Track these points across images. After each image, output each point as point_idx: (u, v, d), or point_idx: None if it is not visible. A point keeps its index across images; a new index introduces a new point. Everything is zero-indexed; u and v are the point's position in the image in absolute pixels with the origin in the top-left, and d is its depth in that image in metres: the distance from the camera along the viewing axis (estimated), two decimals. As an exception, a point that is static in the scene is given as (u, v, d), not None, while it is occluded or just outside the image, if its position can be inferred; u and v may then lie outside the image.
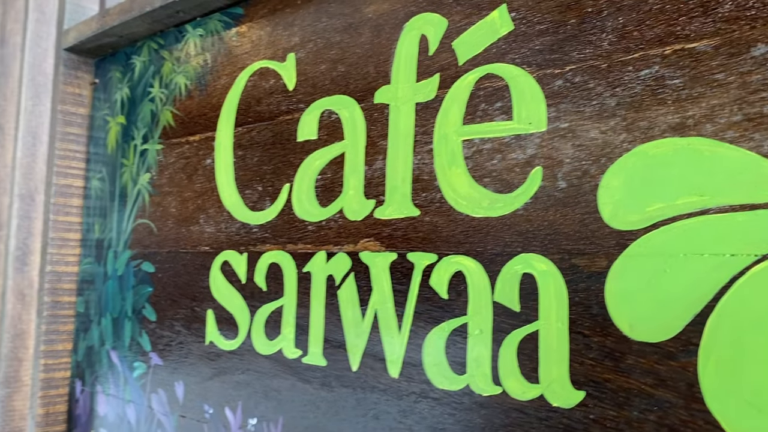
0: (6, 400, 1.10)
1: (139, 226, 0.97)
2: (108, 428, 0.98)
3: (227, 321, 0.82)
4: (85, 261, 1.07)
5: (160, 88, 0.97)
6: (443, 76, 0.64)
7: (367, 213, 0.69)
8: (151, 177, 0.96)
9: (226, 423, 0.80)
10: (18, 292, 1.12)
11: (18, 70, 1.20)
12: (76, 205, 1.07)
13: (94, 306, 1.04)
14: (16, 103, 1.19)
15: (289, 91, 0.79)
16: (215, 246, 0.85)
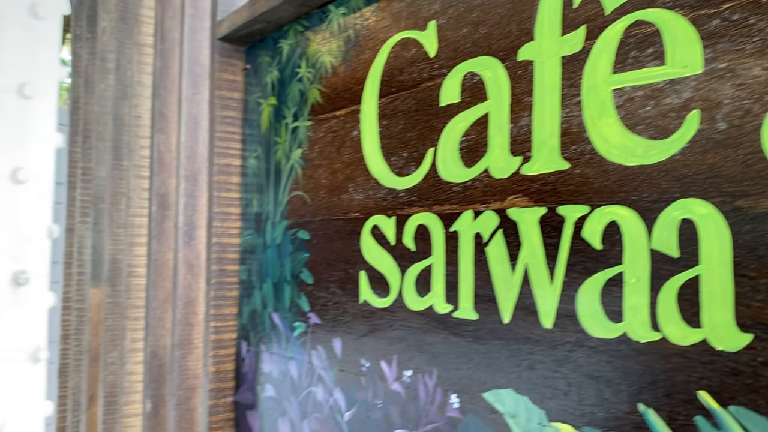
0: (181, 361, 1.22)
1: (293, 197, 1.05)
2: (273, 384, 1.07)
3: (379, 281, 0.87)
4: (246, 233, 1.17)
5: (307, 68, 1.03)
6: (590, 27, 0.64)
7: (514, 170, 0.70)
8: (303, 152, 1.03)
9: (383, 375, 0.85)
10: (187, 264, 1.24)
11: (177, 62, 1.32)
12: (235, 182, 1.16)
13: (256, 273, 1.13)
14: (177, 93, 1.30)
15: (430, 58, 0.82)
16: (365, 212, 0.91)
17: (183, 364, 1.22)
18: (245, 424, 1.13)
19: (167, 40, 1.33)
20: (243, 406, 1.14)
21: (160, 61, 1.34)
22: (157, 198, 1.35)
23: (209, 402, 1.12)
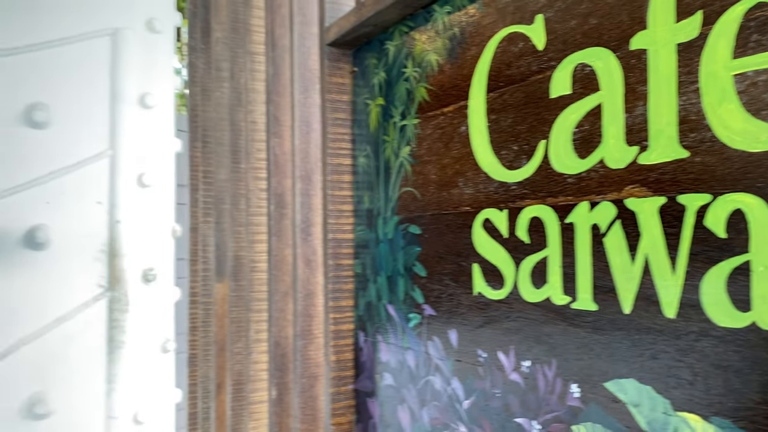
0: (303, 350, 1.30)
1: (403, 194, 1.08)
2: (390, 372, 1.11)
3: (493, 273, 0.89)
4: (359, 228, 1.22)
5: (414, 68, 1.06)
6: (706, 12, 0.63)
7: (630, 160, 0.70)
8: (411, 149, 1.07)
9: (500, 366, 0.87)
10: (305, 259, 1.31)
11: (288, 68, 1.39)
12: (347, 181, 1.21)
13: (370, 267, 1.18)
14: (290, 98, 1.37)
15: (539, 51, 0.83)
16: (475, 205, 0.93)
17: (305, 354, 1.29)
18: (366, 410, 1.18)
19: (278, 47, 1.40)
20: (363, 394, 1.20)
21: (272, 68, 1.41)
22: (275, 198, 1.43)
23: (331, 389, 1.18)
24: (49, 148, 2.10)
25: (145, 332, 2.23)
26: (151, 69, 2.29)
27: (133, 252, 2.20)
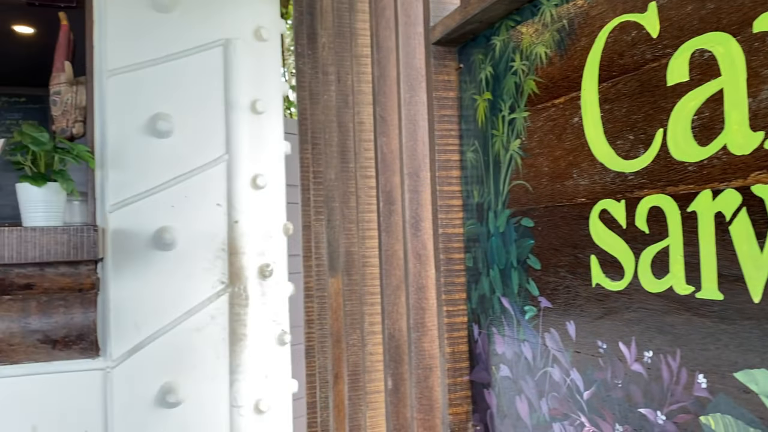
0: (417, 342, 1.34)
1: (514, 187, 1.10)
2: (506, 364, 1.13)
3: (611, 264, 0.89)
4: (469, 222, 1.24)
5: (522, 61, 1.07)
6: (839, -11, 0.60)
7: (756, 146, 0.68)
8: (521, 142, 1.08)
9: (621, 356, 0.87)
10: (415, 254, 1.35)
11: (393, 69, 1.43)
12: (455, 176, 1.24)
13: (481, 260, 1.20)
14: (396, 97, 1.42)
15: (653, 39, 0.82)
16: (591, 197, 0.92)
17: (419, 346, 1.33)
18: (482, 401, 1.21)
19: (383, 49, 1.45)
20: (479, 385, 1.22)
21: (378, 69, 1.46)
22: (384, 195, 1.48)
23: (447, 380, 1.21)
24: (172, 155, 2.26)
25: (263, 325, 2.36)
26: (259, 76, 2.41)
27: (251, 250, 2.33)
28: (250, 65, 2.35)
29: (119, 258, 2.12)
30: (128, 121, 2.18)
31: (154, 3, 2.23)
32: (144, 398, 2.14)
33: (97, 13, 2.18)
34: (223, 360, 2.24)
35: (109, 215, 2.12)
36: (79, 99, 2.21)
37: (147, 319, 2.15)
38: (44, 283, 1.96)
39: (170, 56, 2.25)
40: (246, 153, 2.33)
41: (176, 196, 2.22)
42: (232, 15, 2.34)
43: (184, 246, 2.21)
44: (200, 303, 2.24)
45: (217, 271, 2.27)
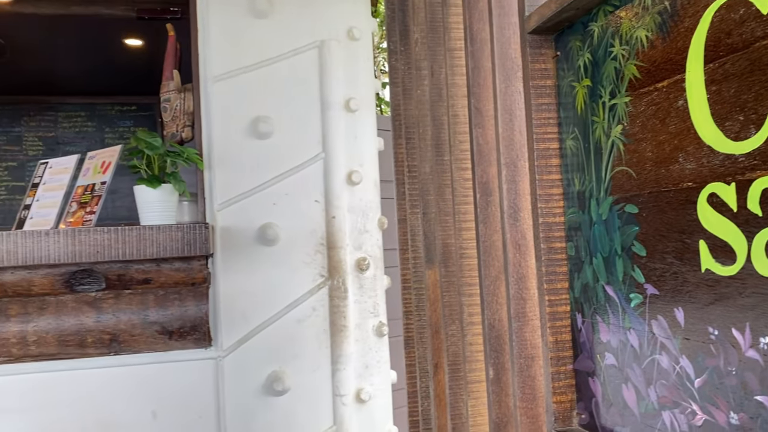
0: (518, 332, 1.34)
1: (617, 173, 1.08)
2: (612, 352, 1.12)
3: (722, 249, 0.87)
4: (570, 211, 1.23)
5: (621, 46, 1.05)
6: None
7: None
8: (623, 128, 1.06)
9: (735, 343, 0.85)
10: (515, 244, 1.36)
11: (488, 61, 1.44)
12: (554, 165, 1.24)
13: (584, 249, 1.19)
14: (491, 89, 1.42)
15: (763, 16, 0.79)
16: (699, 180, 0.90)
17: (520, 335, 1.33)
18: (587, 390, 1.20)
19: (477, 41, 1.46)
20: (583, 374, 1.21)
21: (472, 61, 1.47)
22: (480, 186, 1.49)
23: (551, 369, 1.21)
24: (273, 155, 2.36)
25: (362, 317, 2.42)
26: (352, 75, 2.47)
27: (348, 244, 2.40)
28: (343, 65, 2.42)
29: (227, 253, 2.24)
30: (232, 124, 2.29)
31: (252, 10, 2.34)
32: (252, 386, 2.26)
33: (201, 23, 2.31)
34: (325, 350, 2.32)
35: (217, 213, 2.25)
36: (186, 105, 2.35)
37: (254, 311, 2.26)
38: (160, 277, 2.10)
39: (268, 60, 2.35)
40: (341, 150, 2.40)
41: (277, 194, 2.32)
42: (325, 17, 2.42)
43: (286, 241, 2.31)
44: (302, 295, 2.33)
45: (317, 265, 2.35)
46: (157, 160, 2.11)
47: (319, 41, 2.39)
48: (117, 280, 2.05)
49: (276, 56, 2.35)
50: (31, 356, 2.00)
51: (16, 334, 1.97)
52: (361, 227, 2.45)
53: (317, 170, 2.36)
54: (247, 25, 2.34)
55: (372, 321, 2.44)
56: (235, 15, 2.33)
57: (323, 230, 2.35)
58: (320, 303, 2.34)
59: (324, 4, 2.42)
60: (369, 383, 2.43)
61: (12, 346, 1.98)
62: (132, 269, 2.06)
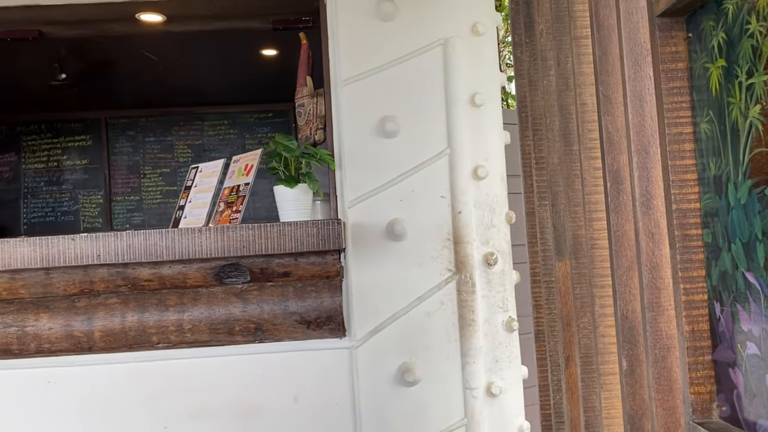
0: (652, 322, 1.31)
1: (756, 155, 1.04)
2: (754, 342, 1.07)
3: None
4: (705, 197, 1.19)
5: (759, 23, 1.01)
6: None
7: None
8: (762, 107, 1.02)
9: None
10: (648, 232, 1.33)
11: (615, 47, 1.41)
12: (688, 149, 1.20)
13: (721, 235, 1.15)
14: (619, 75, 1.40)
15: None
16: None
17: (655, 326, 1.30)
18: (727, 380, 1.15)
19: (603, 28, 1.44)
20: (723, 364, 1.17)
21: (599, 49, 1.45)
22: (611, 174, 1.47)
23: (688, 359, 1.18)
24: (400, 152, 2.44)
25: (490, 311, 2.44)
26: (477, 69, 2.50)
27: (475, 239, 2.43)
28: (467, 61, 2.45)
29: (358, 248, 2.34)
30: (361, 125, 2.40)
31: (378, 13, 2.43)
32: (385, 376, 2.35)
33: (331, 30, 2.43)
34: (454, 343, 2.37)
35: (348, 210, 2.36)
36: (319, 109, 2.48)
37: (384, 303, 2.35)
38: (298, 271, 2.24)
39: (394, 61, 2.43)
40: (466, 146, 2.43)
41: (404, 191, 2.39)
42: (449, 15, 2.46)
43: (413, 236, 2.37)
44: (430, 289, 2.39)
45: (444, 260, 2.40)
46: (293, 161, 2.26)
47: (443, 39, 2.43)
48: (260, 273, 2.21)
49: (401, 57, 2.43)
50: (187, 342, 2.21)
51: (174, 322, 2.18)
52: (488, 222, 2.46)
53: (443, 166, 2.41)
54: (374, 28, 2.43)
55: (501, 316, 2.45)
56: (362, 20, 2.43)
57: (449, 225, 2.40)
58: (448, 297, 2.39)
59: (448, 3, 2.47)
60: (499, 377, 2.44)
61: (171, 333, 2.19)
62: (273, 263, 2.22)
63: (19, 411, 2.22)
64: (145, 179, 5.87)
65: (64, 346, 2.17)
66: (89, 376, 2.23)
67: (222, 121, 5.91)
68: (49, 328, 2.15)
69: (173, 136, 5.91)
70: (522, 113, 2.02)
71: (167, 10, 2.52)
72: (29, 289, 2.17)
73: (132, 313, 2.17)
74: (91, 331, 2.16)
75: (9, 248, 1.99)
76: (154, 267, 2.18)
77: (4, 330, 2.14)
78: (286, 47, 4.27)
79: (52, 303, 2.18)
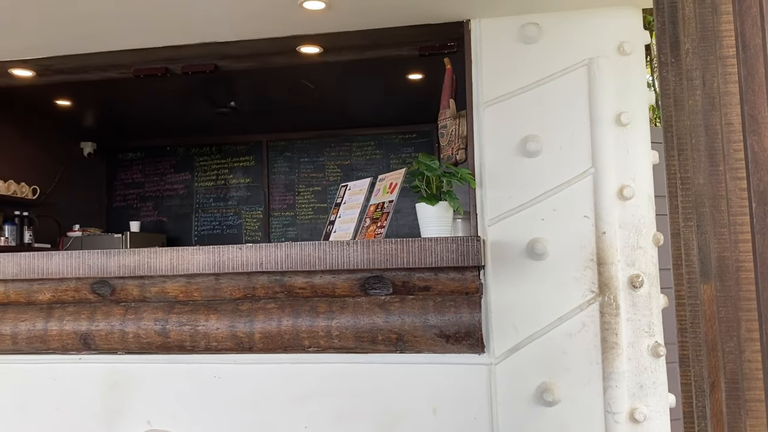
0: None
1: None
2: None
3: None
4: None
5: None
6: None
7: None
8: None
9: None
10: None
11: (762, 66, 1.37)
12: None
13: None
14: (764, 95, 1.36)
15: None
16: None
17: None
18: None
19: (749, 48, 1.40)
20: None
21: (744, 69, 1.42)
22: (756, 195, 1.42)
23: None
24: (541, 172, 2.48)
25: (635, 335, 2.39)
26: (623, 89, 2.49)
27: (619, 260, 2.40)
28: (613, 80, 2.44)
29: (497, 266, 2.40)
30: (502, 144, 2.46)
31: (522, 36, 2.50)
32: (524, 394, 2.37)
33: (474, 55, 2.53)
34: (595, 366, 2.34)
35: (488, 228, 2.43)
36: (461, 130, 2.59)
37: (523, 322, 2.38)
38: (438, 285, 2.34)
39: (537, 83, 2.48)
40: (612, 165, 2.41)
41: (546, 210, 2.42)
42: (594, 35, 2.47)
43: (554, 256, 2.39)
44: (571, 310, 2.38)
45: (586, 281, 2.39)
46: (435, 180, 2.37)
47: (587, 59, 2.45)
48: (402, 286, 2.34)
49: (544, 78, 2.47)
50: (334, 348, 2.39)
51: (323, 328, 2.37)
52: (633, 243, 2.42)
53: (586, 186, 2.41)
54: (517, 51, 2.50)
55: (647, 340, 2.38)
56: (505, 44, 2.51)
57: (593, 246, 2.38)
58: (590, 319, 2.37)
59: (593, 23, 2.48)
60: (644, 404, 2.37)
61: (320, 338, 2.38)
62: (414, 277, 2.33)
63: (192, 401, 2.50)
64: (299, 196, 6.30)
65: (228, 345, 2.43)
66: (249, 373, 2.47)
67: (369, 142, 6.21)
68: (216, 328, 2.42)
69: (325, 157, 6.29)
70: (668, 133, 1.98)
71: (324, 43, 2.75)
72: (201, 292, 2.46)
73: (287, 317, 2.38)
74: (252, 333, 2.39)
75: (187, 255, 2.28)
76: (308, 276, 2.38)
77: (180, 328, 2.44)
78: (430, 70, 4.43)
79: (219, 305, 2.45)
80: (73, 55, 2.89)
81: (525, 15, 2.51)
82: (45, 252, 2.44)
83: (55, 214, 5.54)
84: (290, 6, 2.43)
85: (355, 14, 2.52)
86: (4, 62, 2.96)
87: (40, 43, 2.75)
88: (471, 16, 2.54)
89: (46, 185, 5.49)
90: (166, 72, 2.96)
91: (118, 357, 2.55)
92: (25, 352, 2.61)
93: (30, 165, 5.33)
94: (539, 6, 2.45)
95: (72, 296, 2.54)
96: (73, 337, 2.52)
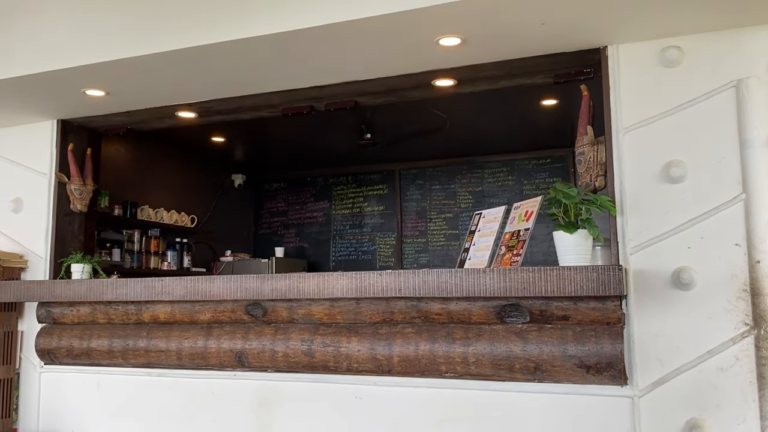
0: None
1: None
2: None
3: None
4: None
5: None
6: None
7: None
8: None
9: None
10: None
11: None
12: None
13: None
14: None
15: None
16: None
17: None
18: None
19: None
20: None
21: None
22: None
23: None
24: (686, 198, 2.39)
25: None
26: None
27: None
28: (763, 101, 2.30)
29: (640, 295, 2.32)
30: (643, 170, 2.40)
31: (662, 60, 2.43)
32: (670, 429, 2.26)
33: (612, 80, 2.49)
34: (751, 404, 2.19)
35: (629, 257, 2.36)
36: (599, 156, 2.55)
37: (669, 354, 2.28)
38: (577, 315, 2.30)
39: (679, 107, 2.40)
40: (764, 190, 2.27)
41: (692, 238, 2.31)
42: (741, 55, 2.36)
43: (702, 286, 2.28)
44: (722, 343, 2.25)
45: (739, 312, 2.25)
46: (573, 208, 2.35)
47: (735, 80, 2.34)
48: (539, 314, 2.33)
49: (687, 101, 2.39)
50: (471, 375, 2.41)
51: (459, 354, 2.40)
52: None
53: (737, 212, 2.28)
54: (657, 75, 2.44)
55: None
56: (644, 68, 2.46)
57: (746, 275, 2.25)
58: (744, 353, 2.23)
59: (740, 44, 2.37)
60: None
61: (457, 365, 2.42)
62: (552, 306, 2.32)
63: (335, 419, 2.62)
64: (430, 223, 6.39)
65: (368, 367, 2.53)
66: (388, 395, 2.55)
67: (501, 168, 6.19)
68: (357, 350, 2.53)
69: (456, 184, 6.35)
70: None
71: (459, 75, 2.83)
72: (344, 315, 2.58)
73: (424, 342, 2.44)
74: (390, 356, 2.48)
75: (332, 281, 2.42)
76: (443, 302, 2.44)
77: (324, 349, 2.58)
78: (563, 95, 4.37)
79: (360, 329, 2.57)
80: (230, 98, 3.18)
81: (665, 38, 2.44)
82: (208, 276, 2.68)
83: (210, 240, 6.02)
84: (427, 44, 2.53)
85: (489, 47, 2.57)
86: (171, 106, 3.32)
87: (202, 88, 3.06)
88: (608, 42, 2.51)
89: (202, 214, 5.99)
90: (311, 110, 3.17)
91: (268, 375, 2.73)
92: (188, 367, 2.87)
93: (189, 196, 5.85)
94: (681, 29, 2.38)
95: (228, 317, 2.77)
96: (229, 354, 2.74)
